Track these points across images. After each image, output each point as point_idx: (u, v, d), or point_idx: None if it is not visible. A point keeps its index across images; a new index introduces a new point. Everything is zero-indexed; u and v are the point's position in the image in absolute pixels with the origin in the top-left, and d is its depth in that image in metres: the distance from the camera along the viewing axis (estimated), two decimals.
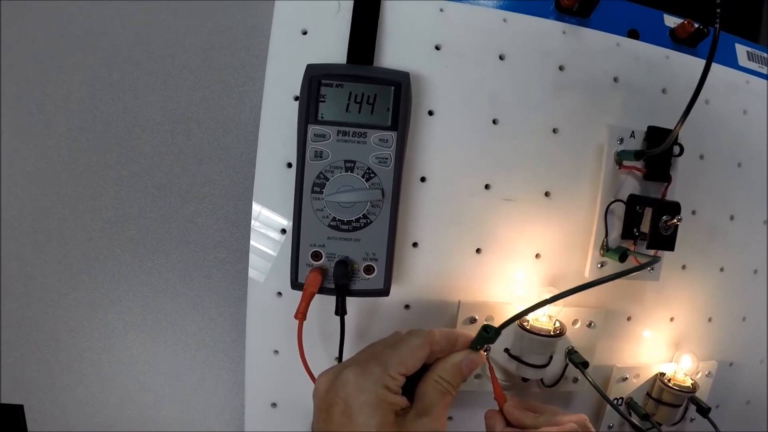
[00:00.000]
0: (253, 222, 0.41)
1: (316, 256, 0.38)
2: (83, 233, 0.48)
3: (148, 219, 0.49)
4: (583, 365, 0.43)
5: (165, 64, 0.47)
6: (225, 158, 0.49)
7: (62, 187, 0.47)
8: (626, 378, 0.48)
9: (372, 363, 0.30)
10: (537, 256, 0.44)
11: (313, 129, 0.37)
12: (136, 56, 0.47)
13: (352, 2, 0.39)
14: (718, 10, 0.31)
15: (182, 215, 0.49)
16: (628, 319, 0.48)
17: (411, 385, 0.32)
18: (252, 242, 0.41)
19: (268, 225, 0.41)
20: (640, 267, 0.37)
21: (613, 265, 0.45)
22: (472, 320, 0.43)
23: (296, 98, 0.39)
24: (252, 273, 0.42)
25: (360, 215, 0.38)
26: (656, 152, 0.40)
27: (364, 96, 0.37)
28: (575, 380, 0.46)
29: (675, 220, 0.40)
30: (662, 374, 0.49)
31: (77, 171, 0.47)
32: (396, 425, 0.29)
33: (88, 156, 0.47)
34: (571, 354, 0.45)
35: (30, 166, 0.47)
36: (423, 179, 0.42)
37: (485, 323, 0.33)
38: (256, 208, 0.41)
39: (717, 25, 0.32)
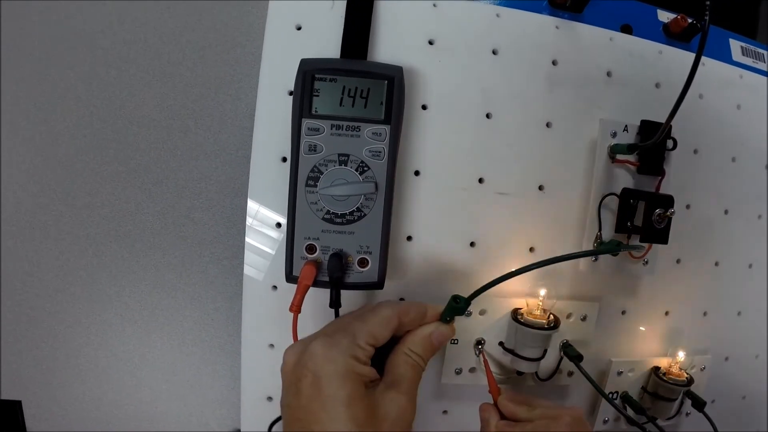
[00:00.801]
0: (248, 219, 0.41)
1: (311, 249, 0.38)
2: (80, 229, 0.48)
3: (144, 215, 0.49)
4: (577, 358, 0.44)
5: (161, 61, 0.48)
6: (221, 154, 0.49)
7: (59, 184, 0.48)
8: (621, 372, 0.48)
9: (340, 334, 0.30)
10: (531, 249, 0.45)
11: (307, 123, 0.37)
12: (132, 54, 0.47)
13: None
14: (708, 2, 0.32)
15: (179, 211, 0.49)
16: (623, 312, 0.48)
17: (381, 360, 0.31)
18: (247, 238, 0.42)
19: (263, 220, 0.42)
20: (627, 247, 0.39)
21: (606, 259, 0.45)
22: (467, 314, 0.43)
23: (291, 93, 0.39)
24: (247, 268, 0.42)
25: (354, 208, 0.38)
26: (649, 145, 0.40)
27: (357, 90, 0.37)
28: (570, 374, 0.46)
29: (668, 213, 0.41)
30: (657, 368, 0.49)
31: (74, 167, 0.48)
32: (366, 397, 0.28)
33: (85, 152, 0.47)
34: (566, 347, 0.45)
35: (27, 162, 0.47)
36: (417, 173, 0.42)
37: (454, 293, 0.33)
38: (252, 205, 0.41)
39: (706, 18, 0.32)
